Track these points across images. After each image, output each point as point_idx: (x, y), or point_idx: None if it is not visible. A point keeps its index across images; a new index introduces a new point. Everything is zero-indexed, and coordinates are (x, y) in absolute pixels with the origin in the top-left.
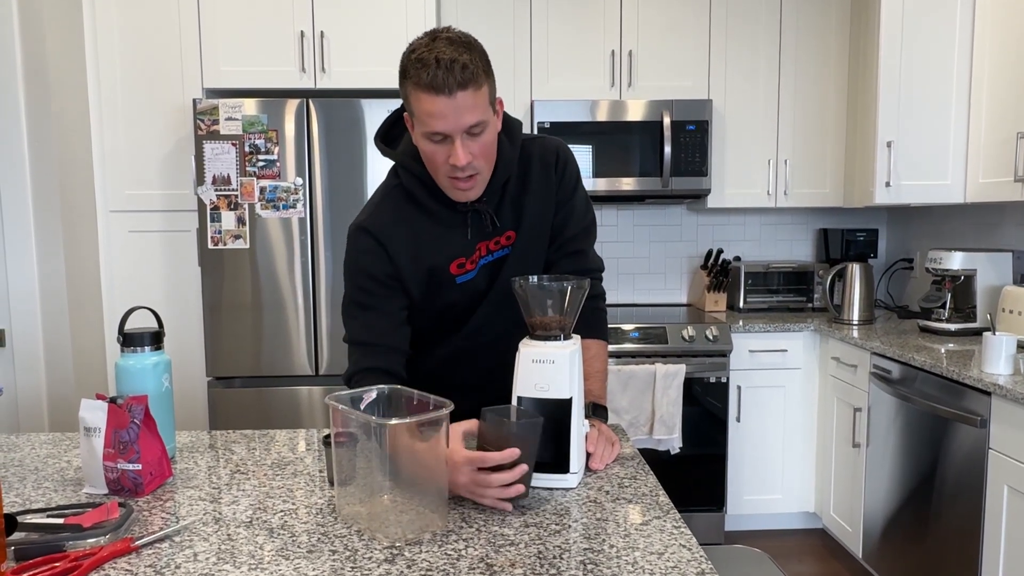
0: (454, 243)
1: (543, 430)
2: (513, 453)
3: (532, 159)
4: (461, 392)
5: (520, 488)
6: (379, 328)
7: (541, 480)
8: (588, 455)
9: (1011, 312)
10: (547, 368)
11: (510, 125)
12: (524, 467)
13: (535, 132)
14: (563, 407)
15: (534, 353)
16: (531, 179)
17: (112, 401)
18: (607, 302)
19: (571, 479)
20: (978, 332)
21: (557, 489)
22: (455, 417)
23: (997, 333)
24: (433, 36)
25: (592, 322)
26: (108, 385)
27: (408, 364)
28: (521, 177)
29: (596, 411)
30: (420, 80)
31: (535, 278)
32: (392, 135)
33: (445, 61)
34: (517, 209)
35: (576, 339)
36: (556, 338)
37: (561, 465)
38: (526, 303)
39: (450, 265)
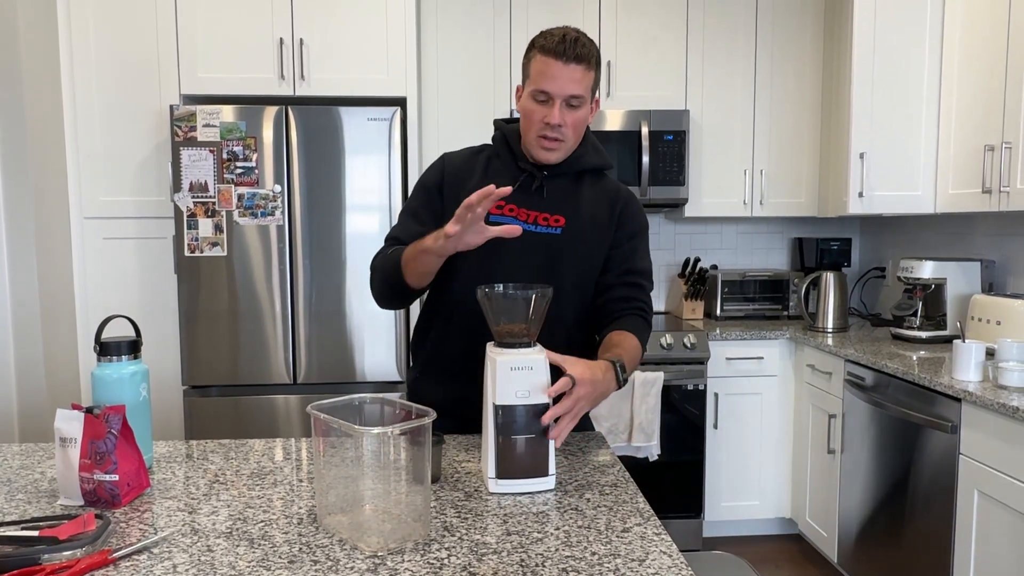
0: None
1: (525, 439)
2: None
3: (606, 189)
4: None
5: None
6: (410, 231)
7: (523, 486)
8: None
9: (980, 320)
10: (527, 375)
11: (598, 147)
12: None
13: None
14: (542, 412)
15: (512, 361)
16: (596, 198)
17: (88, 411)
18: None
19: (551, 481)
20: (948, 340)
21: (538, 493)
22: (458, 422)
23: (967, 341)
24: (564, 28)
25: (639, 326)
26: (82, 395)
27: (438, 346)
28: (589, 191)
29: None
30: (545, 45)
31: (500, 287)
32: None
33: (571, 36)
34: (569, 203)
35: (540, 347)
36: (526, 345)
37: (541, 469)
38: (493, 311)
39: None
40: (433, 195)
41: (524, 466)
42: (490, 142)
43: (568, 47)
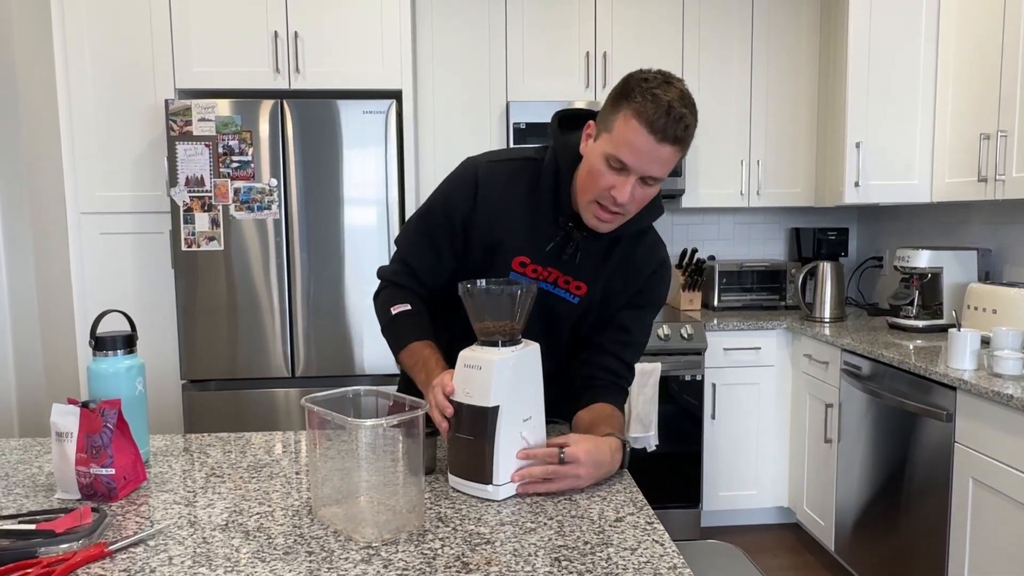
0: (532, 244)
1: (467, 440)
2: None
3: (636, 258)
4: None
5: (445, 427)
6: (425, 262)
7: (467, 487)
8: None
9: (976, 309)
10: (474, 374)
11: (654, 201)
12: (451, 411)
13: (511, 133)
14: (487, 416)
15: (467, 358)
16: (624, 267)
17: (84, 405)
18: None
19: (491, 490)
20: (944, 328)
21: (482, 499)
22: None
23: (962, 329)
24: (667, 79)
25: (621, 401)
26: (80, 389)
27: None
28: (621, 257)
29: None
30: (644, 112)
31: (483, 282)
32: (569, 124)
33: (676, 113)
34: (596, 270)
35: (525, 344)
36: (495, 344)
37: (482, 475)
38: (474, 308)
39: (514, 259)
40: (456, 228)
41: (468, 467)
42: (535, 156)
43: (670, 125)
